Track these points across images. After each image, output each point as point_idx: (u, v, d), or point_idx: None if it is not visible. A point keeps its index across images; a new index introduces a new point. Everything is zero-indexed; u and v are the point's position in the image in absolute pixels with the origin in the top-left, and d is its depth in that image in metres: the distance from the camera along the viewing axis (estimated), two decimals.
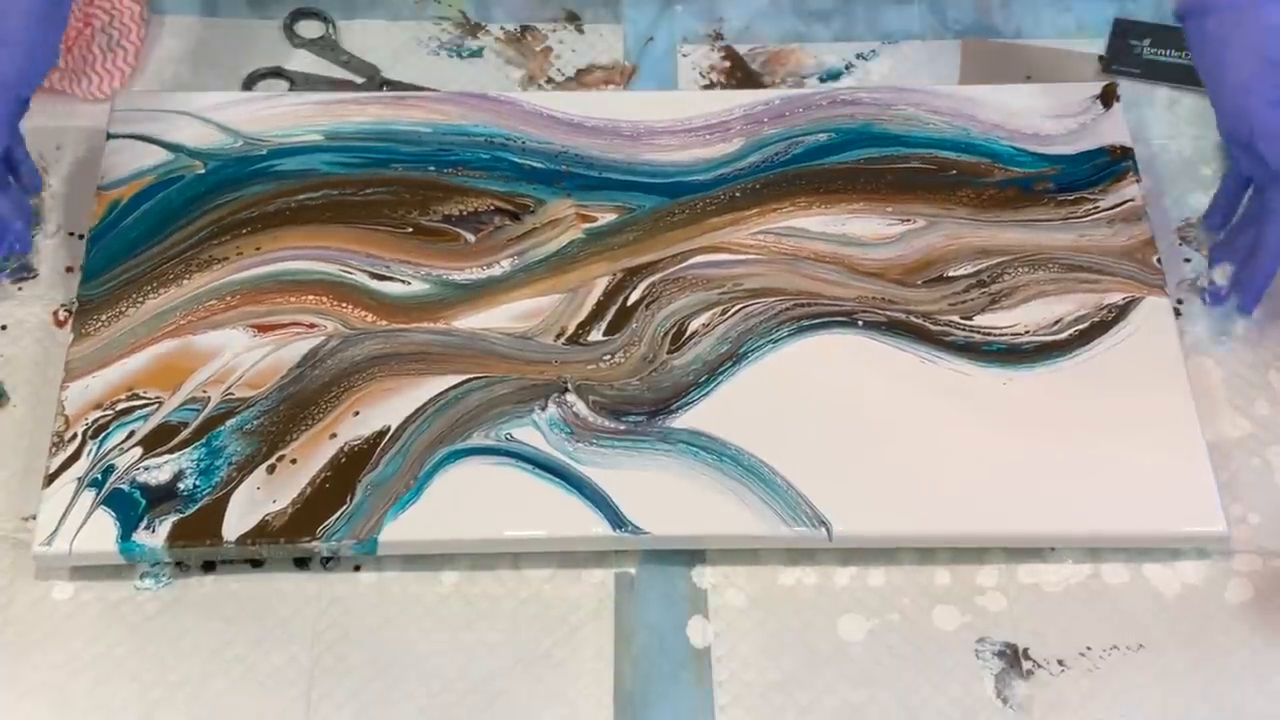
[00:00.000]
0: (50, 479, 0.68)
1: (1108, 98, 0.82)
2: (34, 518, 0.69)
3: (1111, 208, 0.78)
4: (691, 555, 0.70)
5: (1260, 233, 0.73)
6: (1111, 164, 0.80)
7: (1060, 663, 0.67)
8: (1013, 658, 0.67)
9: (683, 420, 0.70)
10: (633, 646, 0.68)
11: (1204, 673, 0.67)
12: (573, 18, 0.91)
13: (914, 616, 0.68)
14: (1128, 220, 0.78)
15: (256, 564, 0.69)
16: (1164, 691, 0.67)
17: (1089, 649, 0.68)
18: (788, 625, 0.68)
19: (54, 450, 0.69)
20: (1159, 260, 0.76)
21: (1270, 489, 0.72)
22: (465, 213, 0.77)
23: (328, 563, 0.69)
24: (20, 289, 0.78)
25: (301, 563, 0.69)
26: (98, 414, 0.70)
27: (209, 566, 0.69)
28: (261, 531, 0.67)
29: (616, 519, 0.67)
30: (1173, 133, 0.85)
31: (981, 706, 0.66)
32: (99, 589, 0.68)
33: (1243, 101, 0.70)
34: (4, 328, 0.76)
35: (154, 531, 0.67)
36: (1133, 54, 0.88)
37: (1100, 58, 0.88)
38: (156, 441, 0.69)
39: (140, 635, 0.67)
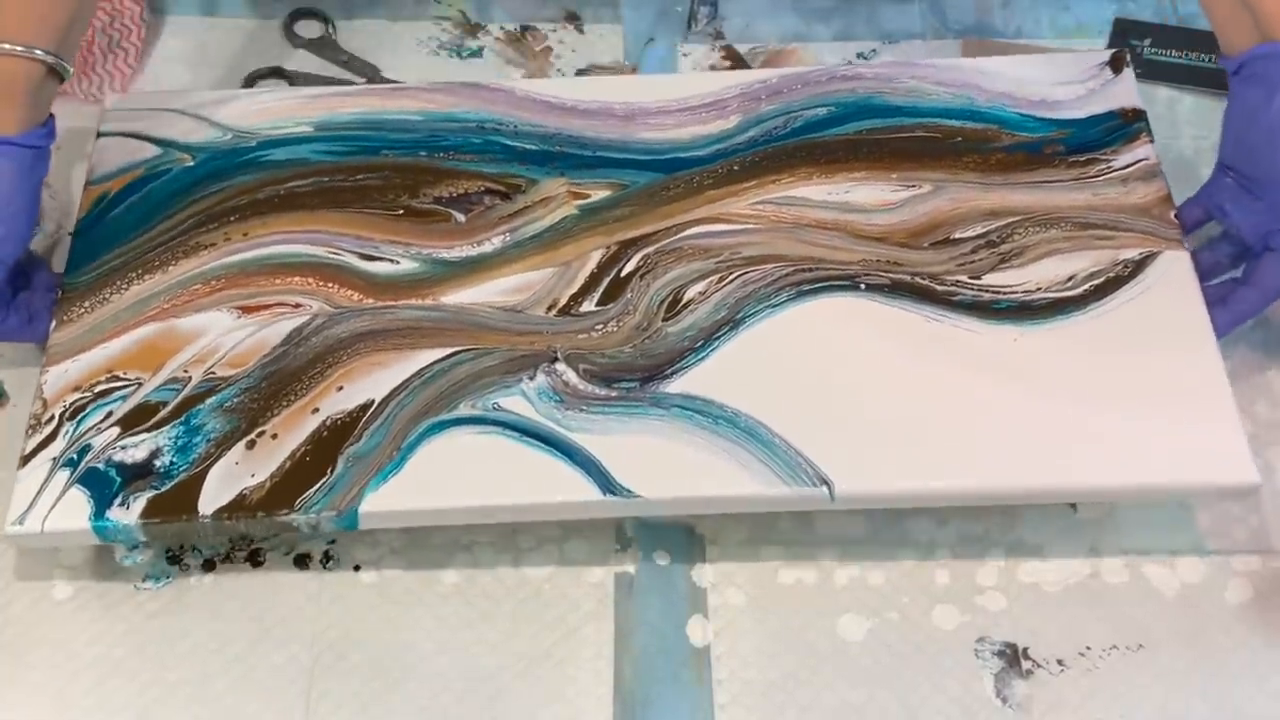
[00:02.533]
0: (25, 460, 0.67)
1: (1118, 64, 0.81)
2: None
3: (1125, 167, 0.77)
4: (691, 554, 0.70)
5: (1256, 275, 0.71)
6: (1123, 126, 0.79)
7: (1060, 662, 0.67)
8: (1012, 657, 0.67)
9: (677, 385, 0.69)
10: (632, 646, 0.68)
11: (1204, 673, 0.67)
12: (573, 18, 0.91)
13: (914, 616, 0.69)
14: (1143, 178, 0.76)
15: (256, 563, 0.69)
16: (1164, 691, 0.67)
17: (1089, 649, 0.68)
18: (787, 624, 0.68)
19: (30, 432, 0.68)
20: (1176, 215, 0.75)
21: (1270, 489, 0.72)
22: (456, 194, 0.77)
23: (327, 563, 0.69)
24: None
25: (302, 562, 0.69)
26: (76, 396, 0.69)
27: (209, 566, 0.69)
28: (238, 505, 0.65)
29: (606, 484, 0.66)
30: (1173, 133, 0.85)
31: (981, 706, 0.66)
32: (99, 589, 0.68)
33: None
34: None
35: (128, 508, 0.65)
36: (1133, 54, 0.88)
37: None
38: (135, 421, 0.68)
39: (140, 635, 0.67)
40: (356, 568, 0.69)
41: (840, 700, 0.66)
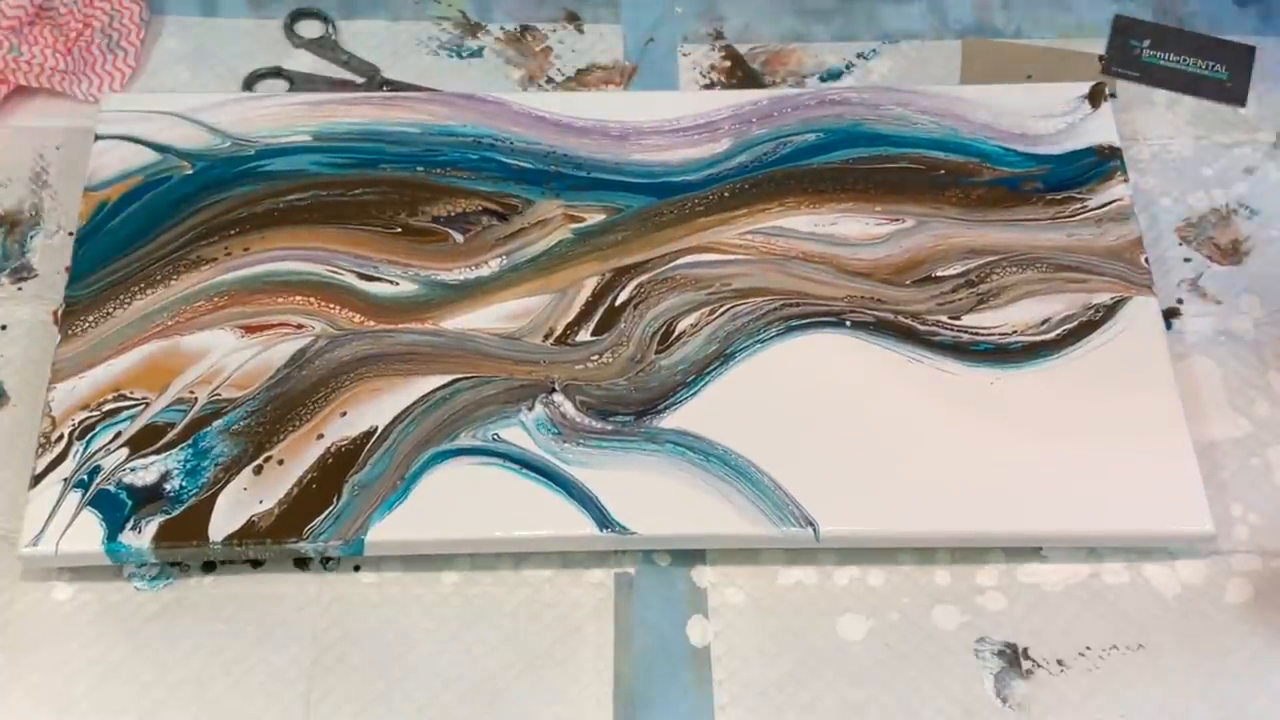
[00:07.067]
0: (36, 480, 0.68)
1: (1096, 97, 0.82)
2: None
3: (1099, 207, 0.78)
4: (691, 555, 0.70)
5: None
6: (1099, 164, 0.80)
7: (1060, 662, 0.67)
8: (1012, 657, 0.67)
9: (670, 420, 0.70)
10: (632, 646, 0.68)
11: (1204, 673, 0.67)
12: (573, 18, 0.91)
13: (914, 616, 0.69)
14: (1115, 220, 0.78)
15: (257, 564, 0.69)
16: (1164, 691, 0.67)
17: (1089, 649, 0.68)
18: (787, 624, 0.68)
19: (40, 451, 0.69)
20: (1146, 260, 0.76)
21: (1270, 489, 0.72)
22: (453, 213, 0.77)
23: (328, 563, 0.69)
24: (20, 289, 0.78)
25: (301, 563, 0.69)
26: (84, 414, 0.70)
27: (209, 566, 0.69)
28: (248, 532, 0.67)
29: (603, 519, 0.67)
30: (1173, 133, 0.85)
31: (981, 706, 0.66)
32: (99, 590, 0.68)
33: None
34: (4, 328, 0.76)
35: (140, 532, 0.67)
36: (1133, 54, 0.88)
37: (1100, 58, 0.89)
38: (143, 442, 0.69)
39: (140, 636, 0.67)
40: (356, 568, 0.69)
41: (840, 700, 0.66)
